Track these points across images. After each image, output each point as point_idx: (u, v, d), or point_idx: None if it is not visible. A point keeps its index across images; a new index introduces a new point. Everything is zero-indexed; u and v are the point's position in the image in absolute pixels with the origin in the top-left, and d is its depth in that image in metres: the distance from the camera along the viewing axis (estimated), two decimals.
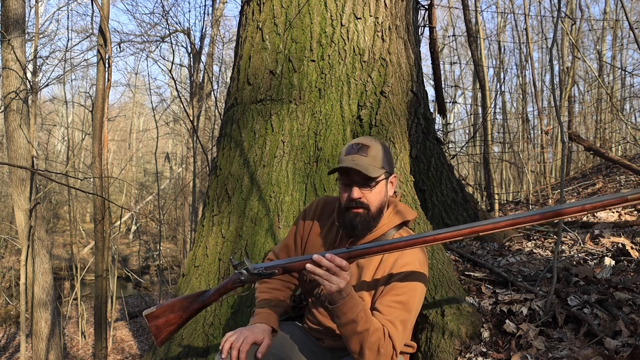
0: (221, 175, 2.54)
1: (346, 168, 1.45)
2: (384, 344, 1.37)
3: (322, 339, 1.63)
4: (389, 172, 1.52)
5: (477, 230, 1.34)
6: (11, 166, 3.54)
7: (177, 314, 1.52)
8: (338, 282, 1.30)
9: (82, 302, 7.57)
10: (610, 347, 1.53)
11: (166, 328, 1.52)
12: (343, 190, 1.51)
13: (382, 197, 1.52)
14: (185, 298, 1.54)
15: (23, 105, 3.69)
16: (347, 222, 1.51)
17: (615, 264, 2.16)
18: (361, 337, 1.35)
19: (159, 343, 1.52)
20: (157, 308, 1.52)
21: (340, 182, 1.53)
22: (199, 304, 1.53)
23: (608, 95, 8.38)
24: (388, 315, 1.41)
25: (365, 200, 1.48)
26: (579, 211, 1.26)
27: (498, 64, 12.80)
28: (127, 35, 16.98)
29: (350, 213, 1.49)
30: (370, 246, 1.39)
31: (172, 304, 1.53)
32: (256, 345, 1.45)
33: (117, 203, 9.64)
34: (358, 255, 1.39)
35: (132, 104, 20.74)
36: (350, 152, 1.49)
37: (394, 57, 2.63)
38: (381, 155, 1.50)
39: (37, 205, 3.81)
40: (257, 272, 1.45)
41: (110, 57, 3.81)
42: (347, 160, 1.47)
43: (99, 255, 3.76)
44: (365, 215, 1.49)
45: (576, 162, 8.82)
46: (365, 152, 1.48)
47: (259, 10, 2.65)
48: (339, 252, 1.36)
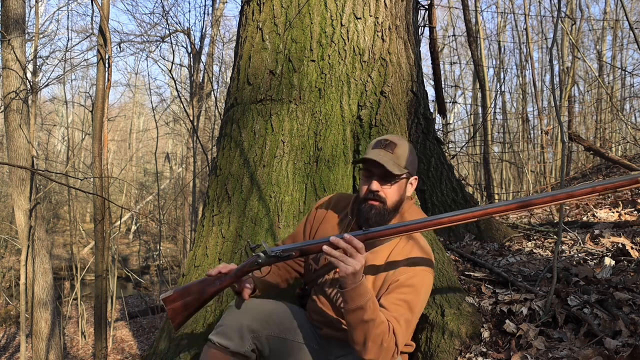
0: (221, 175, 2.54)
1: (370, 160, 1.49)
2: (388, 338, 1.38)
3: (320, 328, 1.64)
4: (410, 173, 1.56)
5: (490, 212, 1.34)
6: (11, 166, 3.54)
7: (194, 297, 1.51)
8: (354, 264, 1.31)
9: (82, 302, 7.57)
10: (610, 347, 1.53)
11: (183, 312, 1.52)
12: (364, 182, 1.55)
13: (400, 194, 1.55)
14: (201, 282, 1.54)
15: (23, 105, 3.69)
16: (362, 212, 1.54)
17: (615, 264, 2.16)
18: (366, 327, 1.36)
19: (175, 326, 1.52)
20: (174, 292, 1.52)
21: (363, 174, 1.57)
22: (215, 287, 1.52)
23: (608, 95, 8.38)
24: (393, 312, 1.43)
25: (383, 195, 1.51)
26: (589, 193, 1.26)
27: (498, 64, 12.81)
28: (127, 35, 17.01)
29: (367, 205, 1.53)
30: (387, 228, 1.41)
31: (189, 288, 1.52)
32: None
33: (117, 203, 9.64)
34: (375, 237, 1.40)
35: (132, 104, 20.75)
36: (378, 146, 1.53)
37: (394, 57, 2.63)
38: (407, 155, 1.54)
39: (37, 205, 3.81)
40: (274, 254, 1.46)
41: (110, 57, 3.81)
42: (374, 153, 1.51)
43: (99, 255, 3.76)
44: (381, 208, 1.52)
45: (576, 162, 8.82)
46: (392, 149, 1.52)
47: (259, 10, 2.65)
48: (356, 234, 1.38)
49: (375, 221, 1.51)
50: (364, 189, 1.54)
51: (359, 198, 1.58)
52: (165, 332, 2.34)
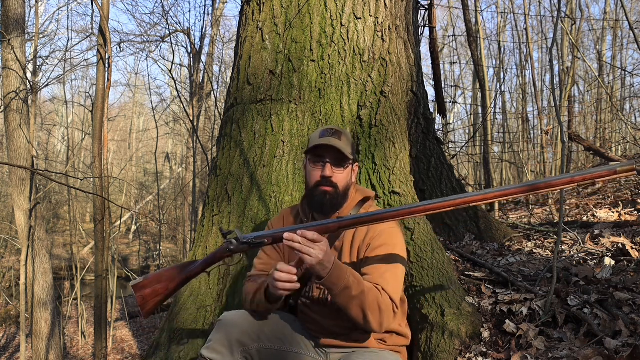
0: (221, 175, 2.54)
1: (324, 145, 1.56)
2: (382, 299, 1.42)
3: (318, 337, 1.64)
4: (354, 160, 1.66)
5: (468, 201, 1.37)
6: (11, 166, 3.54)
7: (164, 285, 1.50)
8: (316, 254, 1.34)
9: (82, 302, 7.57)
10: (610, 347, 1.53)
11: (153, 299, 1.50)
12: (313, 170, 1.60)
13: (348, 179, 1.63)
14: (172, 269, 1.53)
15: (23, 105, 3.69)
16: (316, 200, 1.59)
17: (615, 264, 2.16)
18: (359, 301, 1.39)
19: (145, 314, 1.51)
20: (144, 279, 1.51)
21: (311, 163, 1.61)
22: (186, 274, 1.52)
23: (608, 95, 8.39)
24: (375, 273, 1.48)
25: (334, 180, 1.58)
26: (567, 183, 1.30)
27: (498, 64, 12.81)
28: (127, 35, 17.00)
29: (320, 191, 1.58)
30: (360, 216, 1.44)
31: (159, 275, 1.52)
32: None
33: (117, 203, 9.64)
34: (347, 225, 1.43)
35: (132, 104, 20.74)
36: (326, 134, 1.60)
37: (394, 57, 2.63)
38: (351, 142, 1.64)
39: (37, 205, 3.81)
40: (246, 241, 1.47)
41: (110, 57, 3.81)
42: (325, 140, 1.57)
43: (99, 255, 3.76)
44: (334, 193, 1.58)
45: (576, 162, 8.82)
46: (339, 137, 1.60)
47: (259, 10, 2.65)
48: (319, 223, 1.43)
49: (330, 206, 1.58)
50: (315, 176, 1.59)
51: (309, 188, 1.62)
52: (165, 332, 2.34)
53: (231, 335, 1.51)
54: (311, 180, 1.61)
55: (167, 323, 2.39)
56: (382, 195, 2.29)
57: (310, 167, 1.61)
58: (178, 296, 2.41)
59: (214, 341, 1.52)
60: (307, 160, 1.64)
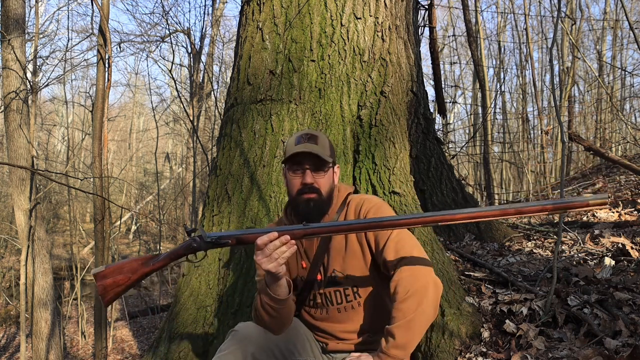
0: (221, 175, 2.54)
1: (301, 153, 1.51)
2: (421, 289, 1.39)
3: (326, 343, 1.63)
4: (334, 162, 1.61)
5: (438, 219, 1.43)
6: (11, 166, 3.54)
7: (125, 276, 1.49)
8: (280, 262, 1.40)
9: (82, 302, 7.57)
10: (610, 347, 1.53)
11: (113, 289, 1.48)
12: (293, 178, 1.55)
13: (331, 183, 1.59)
14: (135, 260, 1.52)
15: (23, 105, 3.69)
16: (300, 208, 1.54)
17: (615, 264, 2.16)
18: (420, 328, 1.39)
19: (105, 303, 1.50)
20: (105, 268, 1.50)
21: (290, 172, 1.56)
22: (148, 267, 1.50)
23: (608, 95, 8.39)
24: (401, 253, 1.46)
25: (317, 185, 1.53)
26: (539, 210, 1.30)
27: (498, 64, 12.81)
28: (127, 35, 17.01)
29: (303, 199, 1.53)
30: (357, 222, 1.41)
31: (121, 266, 1.50)
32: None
33: (117, 203, 9.63)
34: (342, 230, 1.42)
35: (132, 104, 20.75)
36: (301, 141, 1.55)
37: (394, 57, 2.63)
38: (328, 145, 1.59)
39: (37, 205, 3.81)
40: (210, 240, 1.46)
41: (110, 57, 3.81)
42: (301, 147, 1.52)
43: (99, 255, 3.76)
44: (318, 199, 1.53)
45: (576, 162, 8.82)
46: (316, 141, 1.55)
47: (259, 10, 2.65)
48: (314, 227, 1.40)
49: (316, 213, 1.53)
50: (296, 185, 1.54)
51: (292, 197, 1.58)
52: (165, 332, 2.34)
53: (246, 349, 1.49)
54: (293, 189, 1.56)
55: (167, 323, 2.39)
56: (382, 195, 2.29)
57: (290, 176, 1.56)
58: (178, 296, 2.41)
59: (228, 352, 1.49)
60: (286, 169, 1.58)
